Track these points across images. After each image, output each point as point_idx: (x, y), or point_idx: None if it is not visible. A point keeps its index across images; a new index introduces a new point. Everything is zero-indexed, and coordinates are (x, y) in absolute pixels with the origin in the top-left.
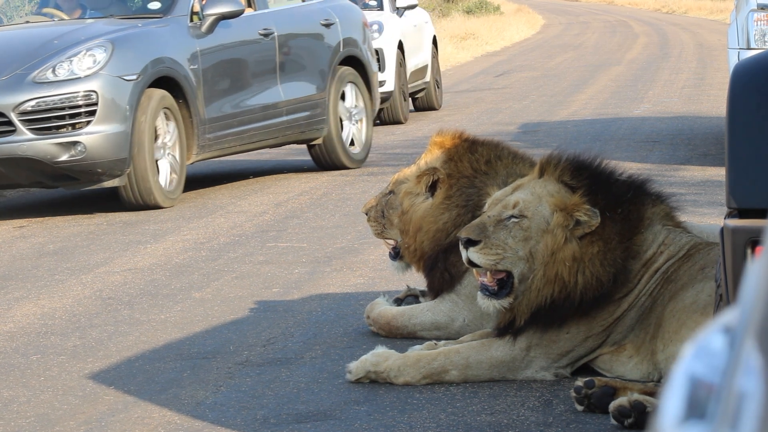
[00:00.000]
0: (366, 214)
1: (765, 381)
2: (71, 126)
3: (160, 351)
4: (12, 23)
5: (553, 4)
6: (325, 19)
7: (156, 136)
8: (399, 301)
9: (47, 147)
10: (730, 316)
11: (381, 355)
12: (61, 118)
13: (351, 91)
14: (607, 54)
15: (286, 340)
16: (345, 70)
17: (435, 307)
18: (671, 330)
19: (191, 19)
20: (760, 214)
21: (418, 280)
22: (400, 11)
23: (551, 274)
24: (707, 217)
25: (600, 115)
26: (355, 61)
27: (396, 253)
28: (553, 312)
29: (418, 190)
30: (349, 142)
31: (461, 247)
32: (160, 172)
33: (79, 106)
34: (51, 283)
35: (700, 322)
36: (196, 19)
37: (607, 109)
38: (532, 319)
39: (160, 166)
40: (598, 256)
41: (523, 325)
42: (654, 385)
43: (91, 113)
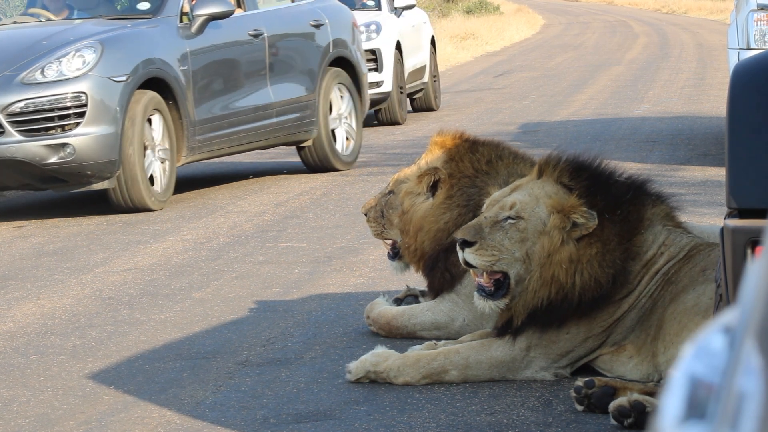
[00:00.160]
0: (365, 215)
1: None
2: (60, 128)
3: (160, 351)
4: (0, 24)
5: (553, 4)
6: (315, 20)
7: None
8: (399, 301)
9: (36, 149)
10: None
11: (381, 355)
12: (50, 119)
13: (341, 92)
14: (607, 54)
15: (286, 340)
16: (335, 72)
17: (435, 307)
18: (672, 332)
19: (181, 20)
20: (760, 214)
21: (417, 280)
22: (398, 11)
23: (548, 275)
24: (707, 217)
25: (600, 115)
26: (345, 62)
27: (395, 253)
28: (551, 313)
29: (419, 190)
30: (339, 144)
31: (458, 247)
32: (149, 174)
33: (68, 108)
34: (51, 283)
35: (702, 325)
36: (185, 19)
37: (607, 109)
38: (530, 320)
39: (149, 169)
40: (597, 258)
41: (522, 325)
42: (654, 385)
43: (81, 115)
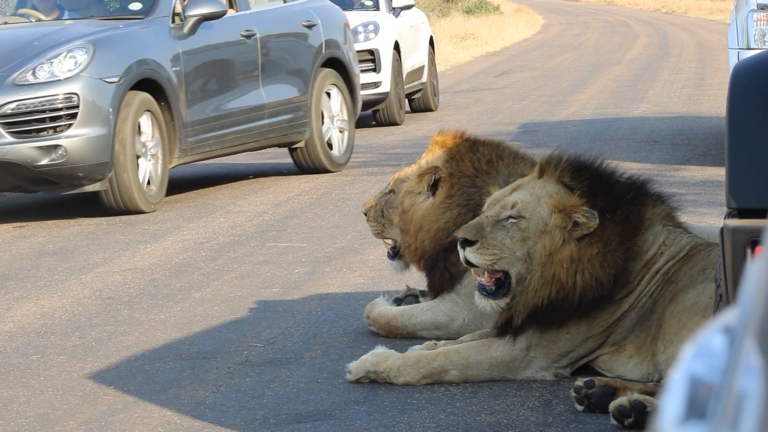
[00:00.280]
0: (365, 214)
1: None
2: (52, 129)
3: (160, 351)
4: None
5: (553, 4)
6: (307, 21)
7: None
8: (399, 301)
9: (27, 151)
10: (730, 316)
11: (381, 355)
12: (42, 121)
13: (333, 93)
14: (607, 54)
15: (286, 340)
16: (327, 72)
17: (435, 306)
18: (672, 331)
19: (173, 20)
20: (760, 214)
21: (417, 279)
22: (396, 11)
23: (548, 275)
24: (707, 217)
25: (600, 115)
26: (337, 63)
27: (395, 253)
28: (551, 312)
29: (420, 189)
30: (331, 145)
31: (459, 246)
32: (141, 176)
33: (59, 109)
34: (51, 283)
35: (701, 323)
36: (177, 20)
37: (607, 109)
38: (531, 320)
39: (141, 170)
40: (598, 258)
41: (522, 325)
42: (654, 385)
43: (72, 116)
